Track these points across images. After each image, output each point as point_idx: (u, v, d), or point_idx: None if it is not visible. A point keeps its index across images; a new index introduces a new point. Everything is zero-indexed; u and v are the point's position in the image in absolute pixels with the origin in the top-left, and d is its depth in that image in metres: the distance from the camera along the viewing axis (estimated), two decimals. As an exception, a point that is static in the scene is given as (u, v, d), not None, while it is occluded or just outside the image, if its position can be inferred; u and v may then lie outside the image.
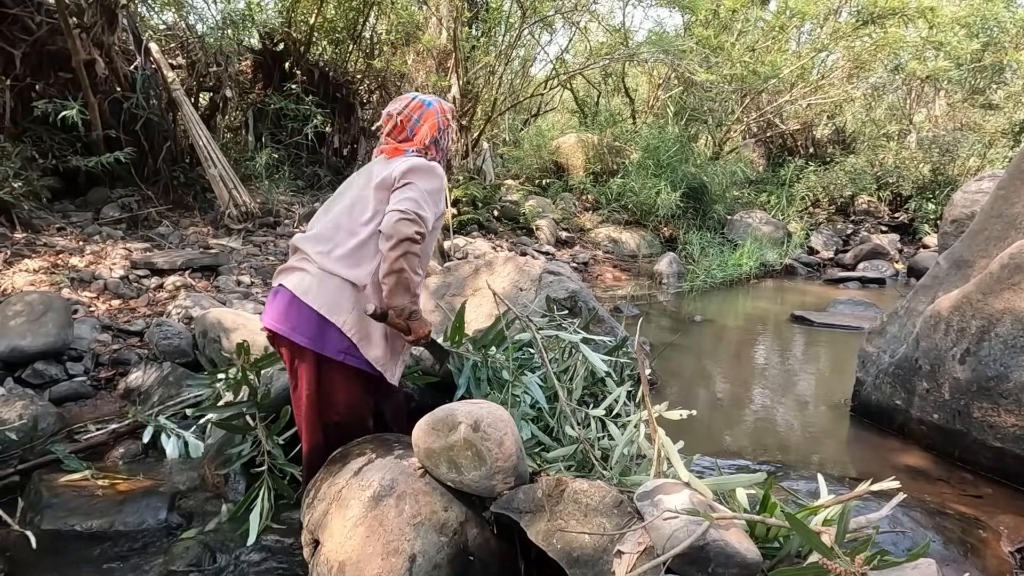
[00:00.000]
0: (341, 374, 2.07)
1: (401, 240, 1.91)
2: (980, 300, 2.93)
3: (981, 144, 11.19)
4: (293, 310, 2.03)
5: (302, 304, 2.01)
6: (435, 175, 2.08)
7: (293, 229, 6.53)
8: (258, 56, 7.92)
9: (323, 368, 2.07)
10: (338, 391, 2.10)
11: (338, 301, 2.00)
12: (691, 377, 4.43)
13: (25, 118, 5.49)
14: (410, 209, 1.93)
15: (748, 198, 11.28)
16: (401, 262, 1.93)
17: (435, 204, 2.06)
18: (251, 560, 2.15)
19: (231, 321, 3.69)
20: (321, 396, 2.10)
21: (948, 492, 2.71)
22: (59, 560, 2.15)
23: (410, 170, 2.03)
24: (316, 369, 2.07)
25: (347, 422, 2.14)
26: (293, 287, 2.04)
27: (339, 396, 2.11)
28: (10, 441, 2.70)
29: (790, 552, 1.55)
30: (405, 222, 1.92)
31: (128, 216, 5.80)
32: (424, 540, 1.74)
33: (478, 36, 9.24)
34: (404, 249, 1.92)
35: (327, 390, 2.10)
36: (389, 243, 1.92)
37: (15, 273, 4.33)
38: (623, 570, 1.48)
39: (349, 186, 2.20)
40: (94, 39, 5.59)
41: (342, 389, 2.10)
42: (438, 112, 2.24)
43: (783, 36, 11.11)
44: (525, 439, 2.27)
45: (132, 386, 3.47)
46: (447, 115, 2.29)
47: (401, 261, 1.93)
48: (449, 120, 2.29)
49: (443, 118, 2.26)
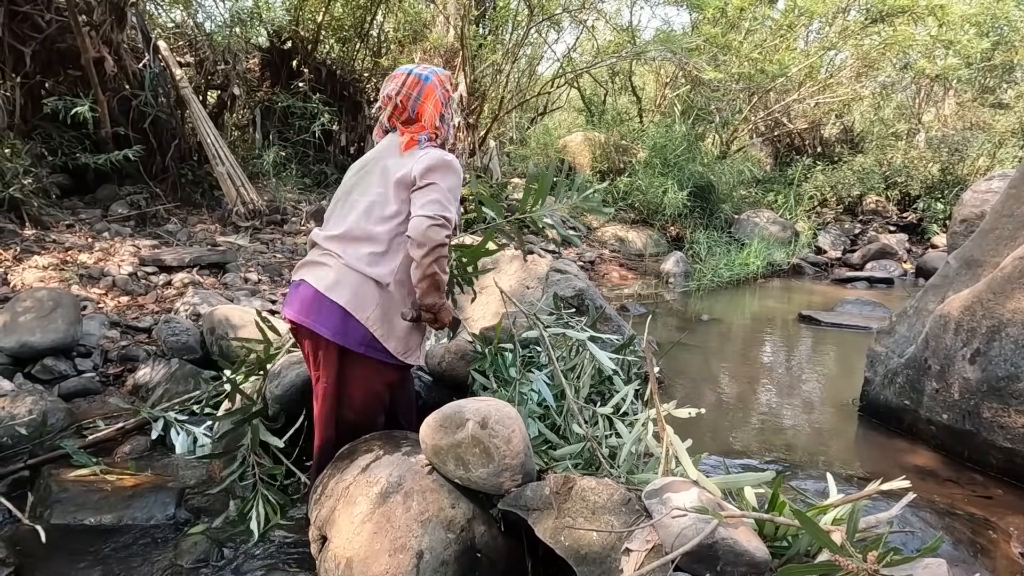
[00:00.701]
0: (361, 368, 2.07)
1: (433, 247, 1.92)
2: (991, 300, 2.91)
3: (991, 144, 11.12)
4: (316, 304, 2.02)
5: (324, 298, 2.01)
6: (454, 170, 2.04)
7: (300, 227, 6.54)
8: (266, 54, 7.94)
9: (344, 362, 2.07)
10: (356, 386, 2.10)
11: (362, 297, 2.00)
12: (698, 376, 4.41)
13: (35, 115, 5.53)
14: (437, 214, 1.93)
15: (755, 197, 11.24)
16: (434, 267, 1.94)
17: (456, 200, 2.04)
18: (259, 556, 2.16)
19: (238, 318, 3.71)
20: (339, 390, 2.10)
21: (957, 493, 2.70)
22: (68, 554, 2.16)
23: (430, 169, 2.00)
24: (338, 362, 2.07)
25: (360, 419, 2.14)
26: (315, 282, 2.04)
27: (357, 391, 2.11)
28: (20, 436, 2.72)
29: (799, 551, 1.54)
30: (435, 228, 1.91)
31: (136, 213, 5.83)
32: (431, 537, 1.74)
33: (485, 34, 9.24)
34: (437, 255, 1.93)
35: (346, 384, 2.10)
36: (422, 250, 1.92)
37: (25, 270, 4.36)
38: (631, 568, 1.47)
39: (362, 177, 2.14)
40: (103, 37, 5.61)
41: (361, 384, 2.10)
42: (438, 86, 2.15)
43: (791, 34, 11.05)
44: (533, 437, 2.27)
45: (140, 382, 3.49)
46: (447, 85, 2.20)
47: (434, 266, 1.94)
48: (450, 91, 2.21)
49: (443, 91, 2.18)
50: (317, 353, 2.09)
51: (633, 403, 2.45)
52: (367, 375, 2.09)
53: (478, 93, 8.94)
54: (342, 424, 2.14)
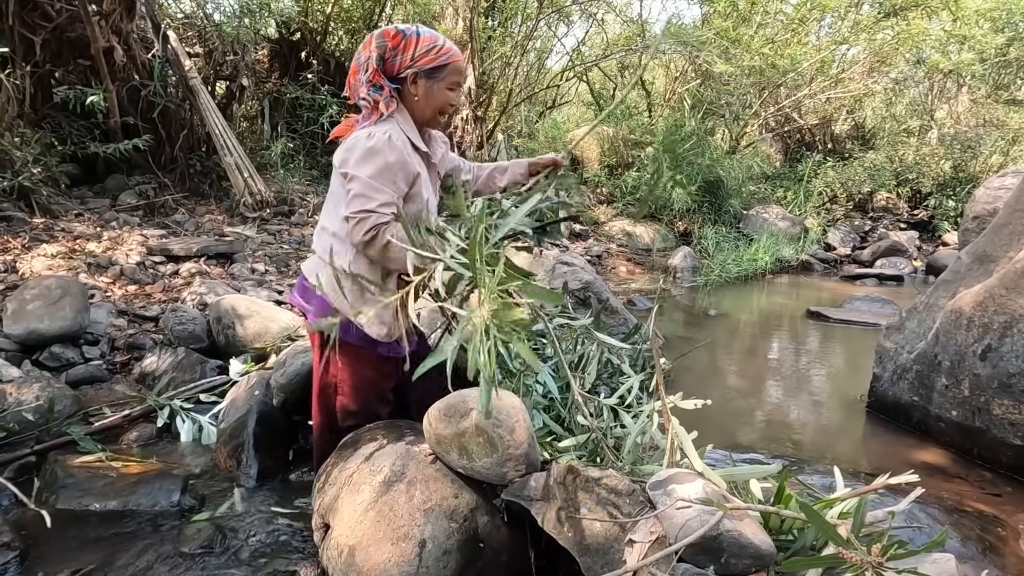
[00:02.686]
0: (349, 356, 2.07)
1: (365, 244, 1.85)
2: (1003, 295, 2.87)
3: (1004, 141, 10.99)
4: (306, 293, 2.08)
5: (307, 288, 2.06)
6: (372, 151, 1.84)
7: (307, 218, 6.54)
8: (275, 45, 7.94)
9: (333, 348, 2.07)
10: (345, 372, 2.10)
11: (335, 286, 1.99)
12: (705, 370, 4.39)
13: (44, 104, 5.54)
14: (357, 210, 1.83)
15: (764, 193, 11.17)
16: (376, 255, 1.89)
17: (387, 180, 1.85)
18: (261, 543, 2.16)
19: (245, 308, 3.71)
20: (330, 377, 2.11)
21: (966, 489, 2.67)
22: (73, 539, 2.17)
23: (344, 160, 1.89)
24: (320, 347, 2.10)
25: (352, 407, 2.14)
26: (306, 271, 2.09)
27: (346, 377, 2.11)
28: (27, 422, 2.73)
29: (805, 545, 1.52)
30: (356, 228, 1.83)
31: (145, 203, 5.84)
32: (434, 526, 1.73)
33: (494, 27, 9.20)
34: (373, 248, 1.85)
35: (336, 371, 2.11)
36: (366, 249, 1.88)
37: (33, 258, 4.38)
38: (634, 559, 1.46)
39: None
40: (113, 26, 5.62)
41: (348, 371, 2.10)
42: (361, 52, 1.93)
43: (803, 29, 10.95)
44: (537, 428, 2.26)
45: (147, 370, 3.50)
46: (372, 43, 1.92)
47: (375, 255, 1.88)
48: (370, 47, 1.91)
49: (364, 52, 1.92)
50: (312, 339, 2.13)
51: (639, 395, 2.44)
52: (356, 362, 2.09)
53: (487, 86, 8.91)
54: (333, 411, 2.15)
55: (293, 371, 2.69)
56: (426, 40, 1.91)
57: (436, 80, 1.95)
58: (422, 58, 1.91)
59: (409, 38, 1.90)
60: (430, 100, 1.97)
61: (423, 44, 1.91)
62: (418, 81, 1.94)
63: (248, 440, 2.60)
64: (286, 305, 4.44)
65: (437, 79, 1.95)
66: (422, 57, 1.91)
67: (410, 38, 1.90)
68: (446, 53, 1.93)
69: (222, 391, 3.20)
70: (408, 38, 1.90)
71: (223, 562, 2.06)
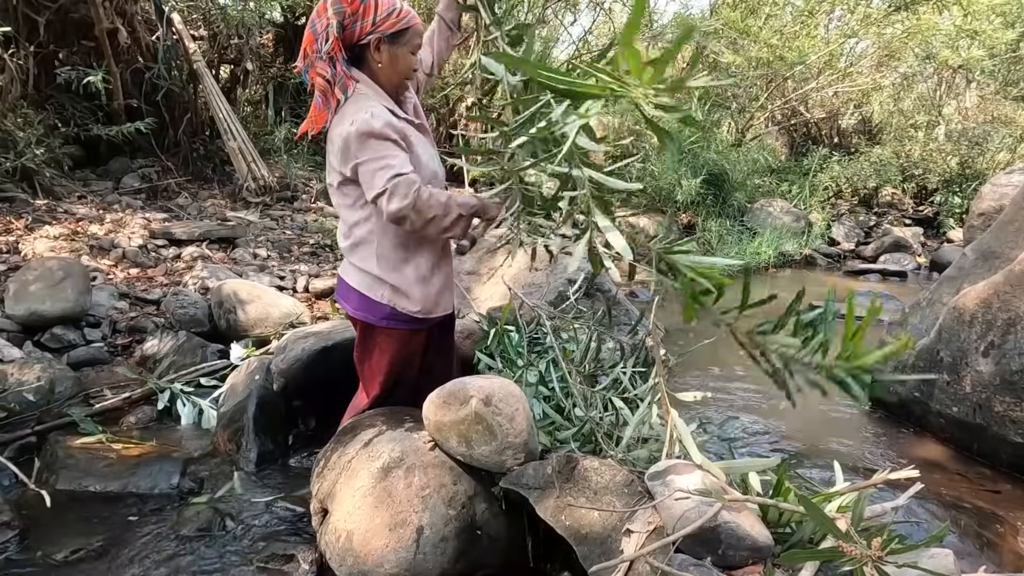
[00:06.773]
0: (386, 339, 2.06)
1: (399, 219, 1.80)
2: (1008, 292, 2.85)
3: (1012, 138, 10.90)
4: (342, 284, 2.10)
5: (342, 280, 2.09)
6: (363, 132, 1.76)
7: (310, 204, 6.53)
8: (279, 30, 7.89)
9: (370, 335, 2.07)
10: (384, 356, 2.08)
11: (369, 277, 2.00)
12: (705, 364, 4.38)
13: (48, 86, 5.52)
14: (383, 184, 1.76)
15: (769, 187, 11.09)
16: (426, 228, 1.84)
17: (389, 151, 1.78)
18: (260, 527, 2.17)
19: (247, 292, 3.71)
20: (371, 362, 2.11)
21: (965, 486, 2.66)
22: (72, 519, 2.18)
23: (344, 155, 1.82)
24: (363, 336, 2.10)
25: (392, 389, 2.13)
26: (342, 273, 2.12)
27: (384, 362, 2.09)
28: (28, 403, 2.74)
29: (803, 538, 1.52)
30: (393, 199, 1.76)
31: (148, 186, 5.83)
32: (432, 513, 1.73)
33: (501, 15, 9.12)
34: (412, 221, 1.80)
35: (375, 356, 2.10)
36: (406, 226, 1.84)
37: (36, 239, 4.38)
38: (632, 549, 1.46)
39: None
40: (117, 8, 5.59)
41: (387, 355, 2.08)
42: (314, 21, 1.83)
43: (812, 21, 10.85)
44: (537, 418, 2.26)
45: (148, 353, 3.50)
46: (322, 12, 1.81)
47: (426, 227, 1.83)
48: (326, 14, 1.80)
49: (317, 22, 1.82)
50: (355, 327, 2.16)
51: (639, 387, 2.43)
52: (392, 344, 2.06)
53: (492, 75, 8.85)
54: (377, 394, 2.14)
55: (294, 356, 2.69)
56: (385, 4, 1.84)
57: (399, 45, 1.88)
58: (383, 23, 1.83)
59: (368, 2, 1.81)
60: (396, 66, 1.90)
61: (383, 8, 1.83)
62: (381, 47, 1.86)
63: (248, 424, 2.61)
64: (287, 291, 4.44)
65: (400, 43, 1.88)
66: (383, 22, 1.83)
67: (369, 2, 1.81)
68: (407, 16, 1.86)
69: (223, 375, 3.21)
70: (367, 2, 1.81)
71: (221, 545, 2.07)
